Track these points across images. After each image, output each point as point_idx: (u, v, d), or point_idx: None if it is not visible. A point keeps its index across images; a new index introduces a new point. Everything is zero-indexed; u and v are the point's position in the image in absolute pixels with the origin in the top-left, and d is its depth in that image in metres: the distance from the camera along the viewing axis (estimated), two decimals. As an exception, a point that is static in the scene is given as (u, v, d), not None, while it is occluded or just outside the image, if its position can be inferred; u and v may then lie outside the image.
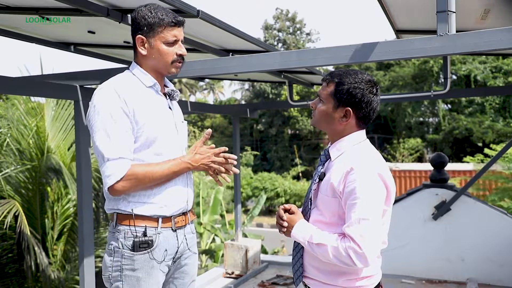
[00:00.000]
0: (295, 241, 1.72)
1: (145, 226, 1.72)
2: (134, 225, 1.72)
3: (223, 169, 1.83)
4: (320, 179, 1.65)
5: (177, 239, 1.80)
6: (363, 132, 1.68)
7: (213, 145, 1.86)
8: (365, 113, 1.62)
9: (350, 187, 1.52)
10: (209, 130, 1.85)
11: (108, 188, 1.67)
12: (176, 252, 1.81)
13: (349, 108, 1.60)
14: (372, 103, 1.62)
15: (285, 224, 1.67)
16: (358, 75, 1.61)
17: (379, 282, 1.67)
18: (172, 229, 1.78)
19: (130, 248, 1.71)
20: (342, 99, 1.60)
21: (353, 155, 1.59)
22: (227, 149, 1.85)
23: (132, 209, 1.72)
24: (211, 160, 1.81)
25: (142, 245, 1.70)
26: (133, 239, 1.71)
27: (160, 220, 1.74)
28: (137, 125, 1.70)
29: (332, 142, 1.68)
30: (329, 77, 1.65)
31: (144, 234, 1.71)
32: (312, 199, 1.68)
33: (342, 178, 1.55)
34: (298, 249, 1.73)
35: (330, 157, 1.67)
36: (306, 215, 1.70)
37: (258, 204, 12.25)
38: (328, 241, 1.54)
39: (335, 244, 1.52)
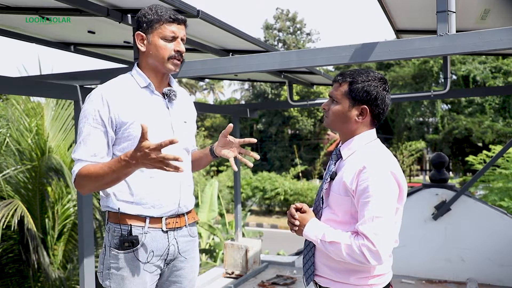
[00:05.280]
0: (306, 240, 1.72)
1: (130, 225, 1.72)
2: (120, 223, 1.72)
3: (166, 167, 1.53)
4: (332, 178, 1.66)
5: (168, 241, 1.78)
6: (374, 131, 1.69)
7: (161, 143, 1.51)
8: (380, 110, 1.64)
9: (363, 185, 1.53)
10: (144, 125, 1.51)
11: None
12: (167, 254, 1.79)
13: (365, 106, 1.62)
14: (386, 100, 1.65)
15: (297, 222, 1.67)
16: (370, 74, 1.64)
17: (390, 282, 1.68)
18: (162, 230, 1.76)
19: (116, 246, 1.72)
20: (357, 97, 1.62)
21: (365, 153, 1.60)
22: (176, 140, 1.50)
23: (119, 208, 1.72)
24: (150, 157, 1.52)
25: (127, 244, 1.70)
26: (118, 237, 1.72)
27: (147, 220, 1.73)
28: (123, 126, 1.72)
29: (344, 141, 1.69)
30: (340, 77, 1.66)
31: (130, 233, 1.71)
32: (323, 198, 1.69)
33: (354, 176, 1.56)
34: (309, 248, 1.73)
35: (341, 156, 1.68)
36: (318, 214, 1.70)
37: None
38: (342, 239, 1.55)
39: (349, 242, 1.53)
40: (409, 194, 4.83)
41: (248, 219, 18.98)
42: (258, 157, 1.86)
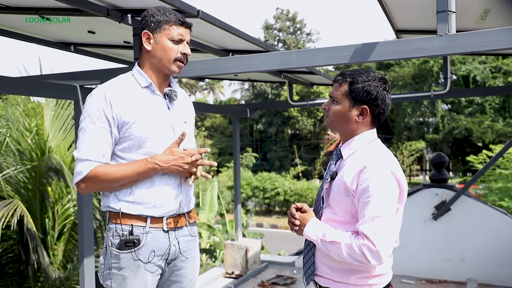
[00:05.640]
0: (306, 240, 1.73)
1: (132, 225, 1.72)
2: (121, 224, 1.72)
3: (195, 171, 1.79)
4: (332, 178, 1.66)
5: (169, 241, 1.78)
6: (375, 131, 1.70)
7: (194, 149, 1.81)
8: (381, 110, 1.65)
9: (363, 185, 1.53)
10: (184, 132, 1.80)
11: (74, 185, 1.75)
12: (168, 253, 1.79)
13: (365, 106, 1.63)
14: (386, 100, 1.65)
15: (297, 222, 1.68)
16: (370, 74, 1.64)
17: (390, 282, 1.68)
18: (163, 230, 1.77)
19: (117, 246, 1.72)
20: (357, 97, 1.62)
21: (365, 153, 1.61)
22: (208, 150, 1.82)
23: (120, 208, 1.73)
24: (184, 161, 1.75)
25: (128, 244, 1.71)
26: (119, 237, 1.72)
27: (148, 220, 1.74)
28: (125, 126, 1.73)
29: (344, 141, 1.70)
30: (340, 77, 1.67)
31: (131, 233, 1.71)
32: (324, 198, 1.69)
33: (355, 176, 1.56)
34: (309, 247, 1.73)
35: (342, 156, 1.68)
36: (318, 214, 1.71)
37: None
38: (342, 238, 1.55)
39: (349, 241, 1.53)
40: (409, 194, 4.83)
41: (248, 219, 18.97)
42: (214, 164, 1.89)
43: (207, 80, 6.72)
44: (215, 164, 1.80)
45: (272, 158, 29.06)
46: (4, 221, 5.62)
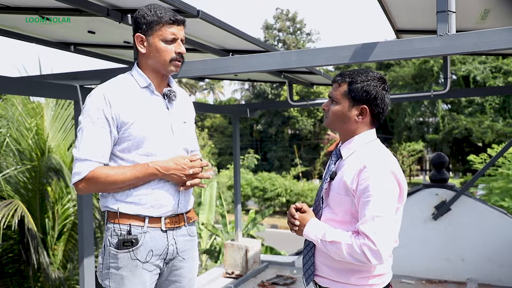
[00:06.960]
0: (306, 240, 1.73)
1: (130, 225, 1.72)
2: (119, 223, 1.72)
3: (194, 182, 1.81)
4: (332, 178, 1.66)
5: (167, 240, 1.78)
6: (374, 131, 1.70)
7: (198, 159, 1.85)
8: (380, 110, 1.65)
9: (364, 184, 1.53)
10: (206, 163, 1.86)
11: (72, 185, 1.75)
12: (166, 253, 1.79)
13: (365, 106, 1.63)
14: (385, 99, 1.65)
15: (297, 222, 1.68)
16: (369, 73, 1.64)
17: (389, 282, 1.68)
18: (161, 230, 1.77)
19: (115, 246, 1.73)
20: (357, 97, 1.62)
21: (365, 153, 1.61)
22: (208, 164, 1.86)
23: (118, 208, 1.73)
24: (185, 173, 1.76)
25: (126, 243, 1.71)
26: (117, 237, 1.72)
27: (146, 219, 1.74)
28: (124, 126, 1.73)
29: (344, 141, 1.70)
30: (339, 77, 1.67)
31: (129, 233, 1.72)
32: (323, 198, 1.69)
33: (355, 176, 1.56)
34: (309, 247, 1.73)
35: (341, 156, 1.68)
36: (318, 214, 1.71)
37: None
38: (342, 238, 1.55)
39: (349, 241, 1.53)
40: (409, 194, 4.83)
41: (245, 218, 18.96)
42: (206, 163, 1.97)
43: (207, 80, 6.73)
44: (205, 186, 1.85)
45: (272, 158, 29.08)
46: (5, 221, 5.62)
